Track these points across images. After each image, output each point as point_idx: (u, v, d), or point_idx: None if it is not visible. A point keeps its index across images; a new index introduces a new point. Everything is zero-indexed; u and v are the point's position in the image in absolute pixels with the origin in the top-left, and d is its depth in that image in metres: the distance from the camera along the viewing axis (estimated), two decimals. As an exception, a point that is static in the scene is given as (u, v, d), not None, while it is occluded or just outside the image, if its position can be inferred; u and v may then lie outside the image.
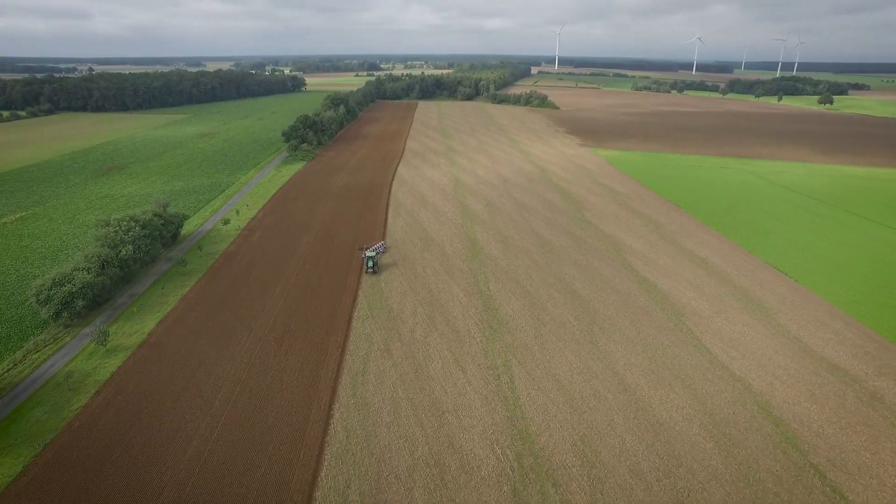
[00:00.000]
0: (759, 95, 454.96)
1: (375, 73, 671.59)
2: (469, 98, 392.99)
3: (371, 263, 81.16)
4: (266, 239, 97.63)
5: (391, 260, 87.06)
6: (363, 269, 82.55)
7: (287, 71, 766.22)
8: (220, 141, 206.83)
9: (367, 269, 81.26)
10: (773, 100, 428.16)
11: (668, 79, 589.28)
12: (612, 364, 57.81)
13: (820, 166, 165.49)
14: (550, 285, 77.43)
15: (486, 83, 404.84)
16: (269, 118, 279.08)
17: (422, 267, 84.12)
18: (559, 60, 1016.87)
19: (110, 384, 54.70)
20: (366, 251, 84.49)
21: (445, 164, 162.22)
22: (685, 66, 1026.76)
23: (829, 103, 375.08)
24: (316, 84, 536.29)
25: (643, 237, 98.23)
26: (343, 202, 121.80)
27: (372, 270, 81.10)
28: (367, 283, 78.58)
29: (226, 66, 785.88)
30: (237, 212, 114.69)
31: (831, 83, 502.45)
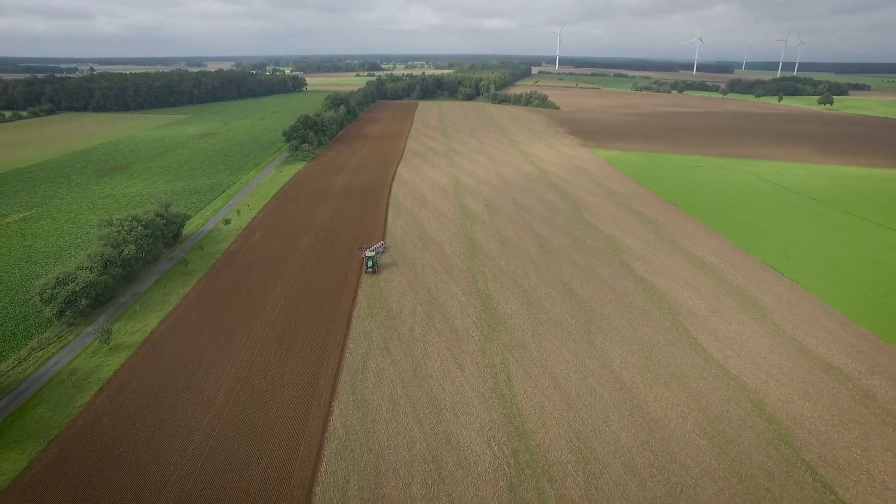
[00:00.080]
0: (759, 96, 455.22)
1: (376, 74, 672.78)
2: (469, 98, 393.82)
3: (371, 263, 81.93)
4: (267, 239, 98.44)
5: (391, 260, 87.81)
6: (363, 268, 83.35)
7: (288, 71, 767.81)
8: (221, 141, 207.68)
9: (367, 269, 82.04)
10: (773, 100, 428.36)
11: (669, 79, 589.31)
12: (609, 362, 58.53)
13: (819, 167, 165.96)
14: (548, 285, 78.15)
15: (487, 83, 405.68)
16: (270, 118, 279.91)
17: (421, 266, 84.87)
18: (560, 60, 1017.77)
19: (113, 381, 55.57)
20: (365, 251, 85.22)
21: (445, 165, 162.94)
22: (686, 66, 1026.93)
23: (830, 103, 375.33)
24: (316, 84, 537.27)
25: (641, 237, 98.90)
26: (343, 202, 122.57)
27: (371, 270, 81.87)
28: (366, 282, 79.35)
29: (227, 66, 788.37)
30: (238, 212, 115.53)
31: (832, 83, 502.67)
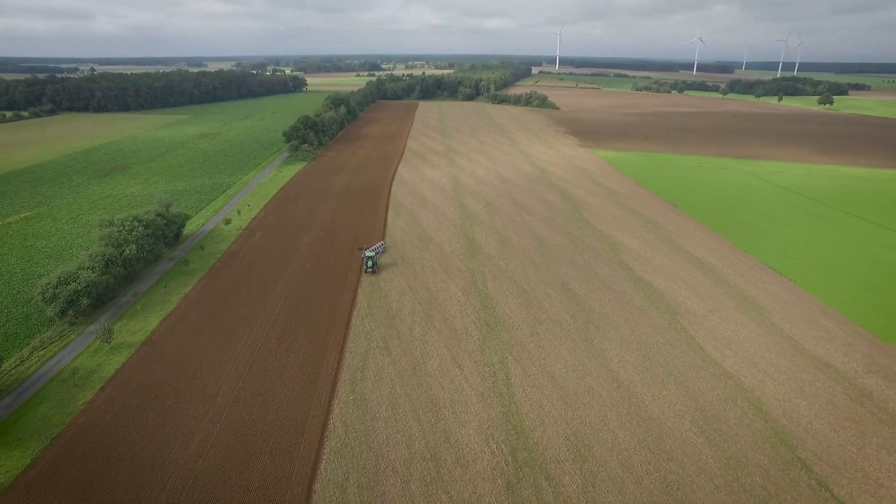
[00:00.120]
0: (759, 96, 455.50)
1: (376, 74, 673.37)
2: (469, 98, 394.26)
3: (370, 263, 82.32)
4: (267, 239, 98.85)
5: (391, 259, 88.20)
6: (363, 268, 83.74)
7: (288, 71, 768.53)
8: (222, 141, 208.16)
9: (367, 268, 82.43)
10: (773, 100, 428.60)
11: (669, 79, 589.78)
12: (607, 361, 58.90)
13: (819, 167, 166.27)
14: (547, 284, 78.52)
15: (487, 83, 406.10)
16: (270, 118, 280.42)
17: (421, 266, 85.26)
18: (560, 60, 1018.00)
19: (115, 380, 55.99)
20: (365, 251, 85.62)
21: (445, 165, 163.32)
22: (686, 66, 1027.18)
23: (830, 103, 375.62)
24: (317, 84, 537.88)
25: (640, 237, 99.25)
26: (343, 202, 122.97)
27: (371, 270, 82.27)
28: (366, 282, 79.75)
29: (227, 66, 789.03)
30: (238, 212, 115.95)
31: (832, 83, 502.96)
